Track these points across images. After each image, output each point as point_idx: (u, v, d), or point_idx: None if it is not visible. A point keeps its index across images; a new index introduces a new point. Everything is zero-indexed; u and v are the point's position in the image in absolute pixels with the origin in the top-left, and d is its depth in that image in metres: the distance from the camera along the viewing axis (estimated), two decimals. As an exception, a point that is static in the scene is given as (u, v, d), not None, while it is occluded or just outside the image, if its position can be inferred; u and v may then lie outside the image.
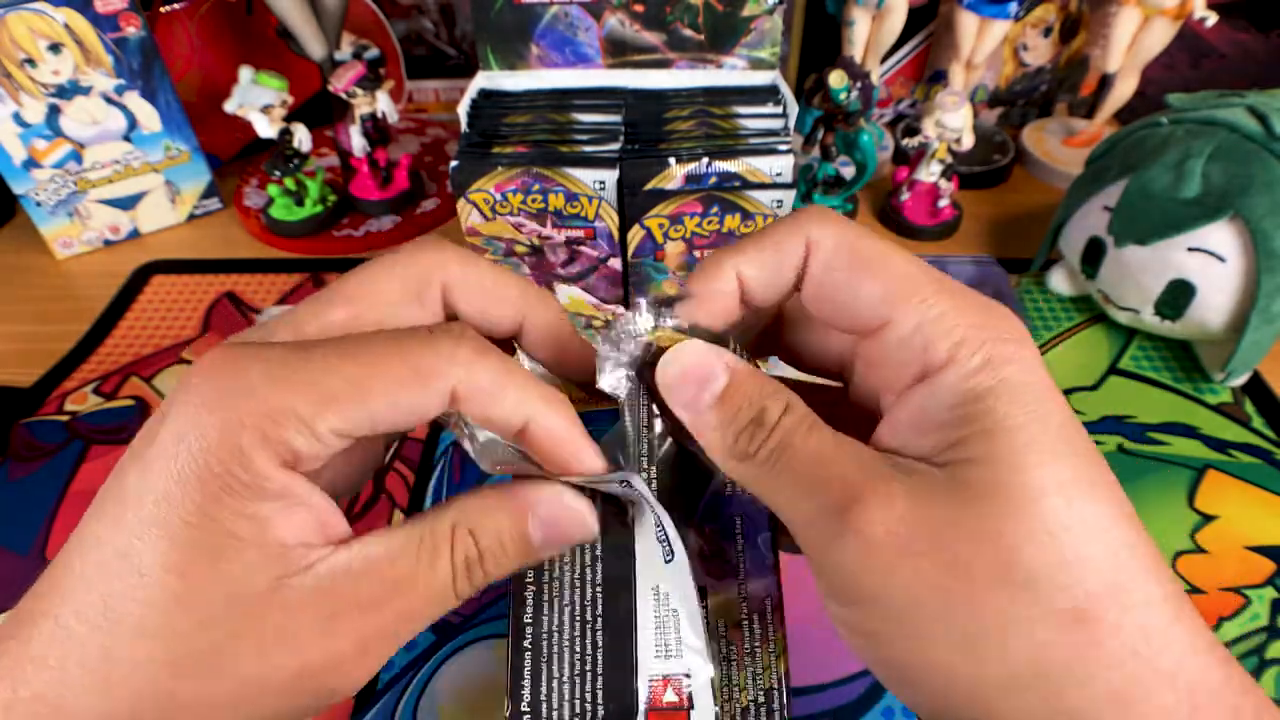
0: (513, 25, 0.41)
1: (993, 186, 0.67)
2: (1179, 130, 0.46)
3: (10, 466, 0.45)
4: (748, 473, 0.20)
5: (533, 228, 0.40)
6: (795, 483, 0.19)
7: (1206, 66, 0.70)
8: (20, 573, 0.40)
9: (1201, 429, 0.46)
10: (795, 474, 0.19)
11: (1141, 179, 0.45)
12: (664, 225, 0.39)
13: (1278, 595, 0.38)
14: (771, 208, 0.38)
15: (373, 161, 0.63)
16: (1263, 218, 0.42)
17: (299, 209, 0.62)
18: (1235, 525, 0.41)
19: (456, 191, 0.38)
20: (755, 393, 0.20)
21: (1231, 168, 0.43)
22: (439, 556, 0.20)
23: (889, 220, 0.63)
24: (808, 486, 0.19)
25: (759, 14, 0.40)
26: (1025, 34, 0.69)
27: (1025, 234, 0.61)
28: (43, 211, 0.59)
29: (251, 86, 0.56)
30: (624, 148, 0.38)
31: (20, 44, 0.53)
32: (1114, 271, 0.48)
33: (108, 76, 0.57)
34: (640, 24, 0.40)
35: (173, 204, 0.64)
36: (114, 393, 0.50)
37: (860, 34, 0.61)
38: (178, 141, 0.62)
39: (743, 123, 0.40)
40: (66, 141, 0.58)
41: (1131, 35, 0.61)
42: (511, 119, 0.40)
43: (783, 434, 0.20)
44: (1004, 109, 0.73)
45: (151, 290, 0.58)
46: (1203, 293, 0.45)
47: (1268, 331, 0.44)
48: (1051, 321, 0.54)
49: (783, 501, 0.20)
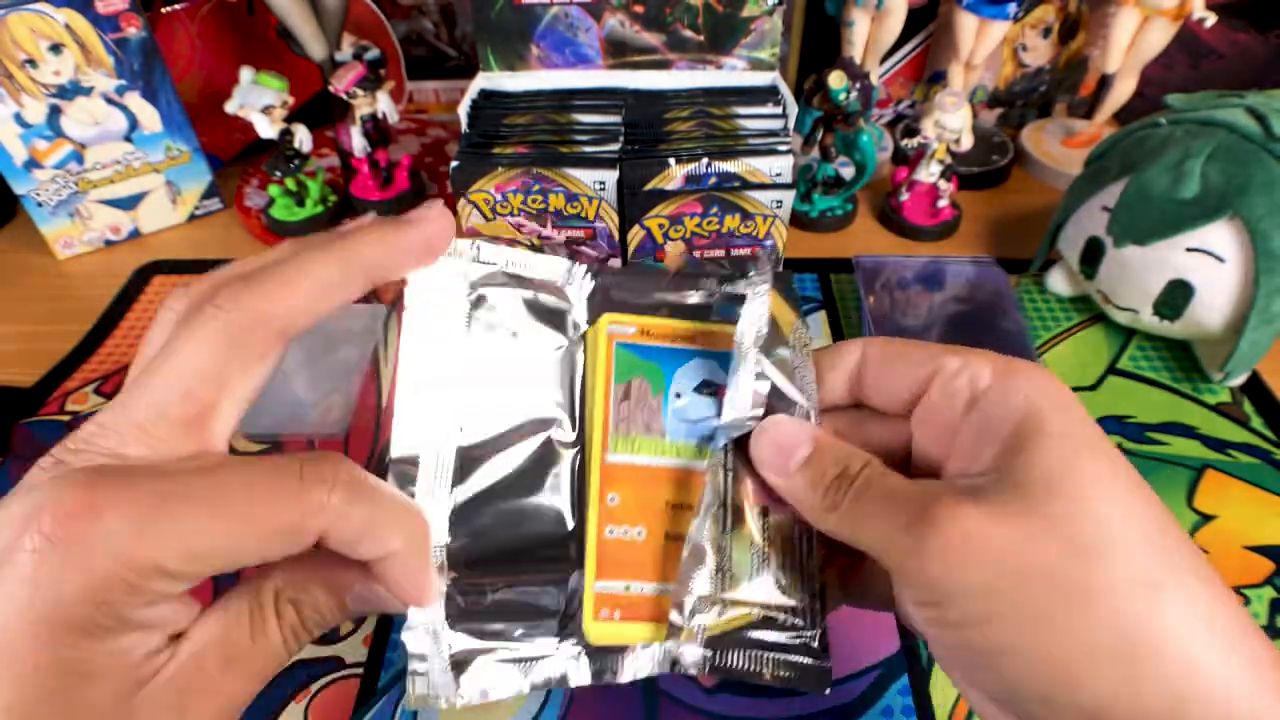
0: (513, 26, 0.41)
1: (992, 187, 0.67)
2: (1178, 131, 0.46)
3: (11, 466, 0.45)
4: (838, 520, 0.23)
5: (533, 228, 0.40)
6: (876, 513, 0.22)
7: (1205, 67, 0.70)
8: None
9: (1200, 429, 0.46)
10: (876, 505, 0.22)
11: (1140, 179, 0.46)
12: (664, 225, 0.39)
13: (1276, 595, 0.38)
14: (771, 208, 0.38)
15: (373, 162, 0.63)
16: (1261, 218, 0.42)
17: (300, 209, 0.62)
18: (1234, 525, 0.41)
19: (457, 192, 0.39)
20: (841, 453, 0.23)
21: (1230, 168, 0.43)
22: (268, 624, 0.21)
23: (888, 221, 0.63)
24: (887, 513, 0.22)
25: (759, 15, 0.40)
26: (1024, 34, 0.69)
27: (1024, 234, 0.61)
28: (44, 212, 0.59)
29: (252, 87, 0.56)
30: (624, 148, 0.38)
31: (21, 44, 0.53)
32: (1113, 272, 0.49)
33: (109, 77, 0.57)
34: (640, 25, 0.41)
35: (174, 204, 0.64)
36: (115, 393, 0.50)
37: (860, 35, 0.61)
38: (179, 142, 0.62)
39: (742, 123, 0.40)
40: (67, 142, 0.58)
41: (1130, 36, 0.61)
42: (512, 119, 0.40)
43: (864, 479, 0.23)
44: (1003, 109, 0.73)
45: (153, 290, 0.58)
46: (1201, 293, 0.45)
47: (1266, 331, 0.44)
48: (1050, 322, 0.54)
49: (867, 532, 0.22)
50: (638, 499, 0.25)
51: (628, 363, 0.26)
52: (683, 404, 0.26)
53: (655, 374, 0.26)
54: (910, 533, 0.20)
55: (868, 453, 0.24)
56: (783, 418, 0.25)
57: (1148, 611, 0.18)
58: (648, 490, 0.25)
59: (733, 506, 0.25)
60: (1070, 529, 0.19)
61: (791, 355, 0.26)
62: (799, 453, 0.24)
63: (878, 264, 0.54)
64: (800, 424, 0.25)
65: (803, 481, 0.23)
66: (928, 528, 0.20)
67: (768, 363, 0.25)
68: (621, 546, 0.24)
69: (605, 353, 0.26)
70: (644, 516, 0.25)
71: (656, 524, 0.25)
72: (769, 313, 0.26)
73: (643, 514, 0.25)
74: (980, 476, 0.21)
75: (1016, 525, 0.19)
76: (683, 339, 0.27)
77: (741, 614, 0.24)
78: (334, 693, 0.35)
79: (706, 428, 0.26)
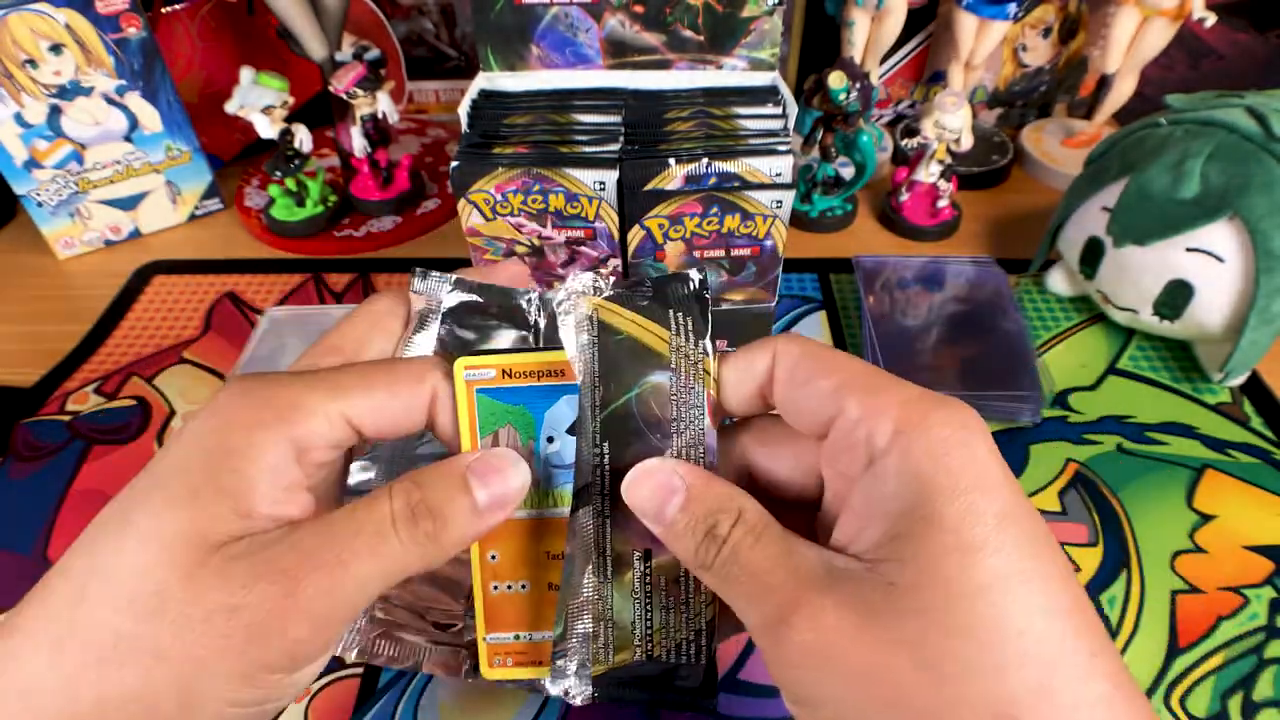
0: (513, 26, 0.41)
1: (992, 187, 0.67)
2: (1178, 131, 0.46)
3: (11, 466, 0.45)
4: (711, 581, 0.22)
5: (533, 228, 0.40)
6: (743, 593, 0.21)
7: (1205, 67, 0.70)
8: (22, 573, 0.40)
9: (1200, 429, 0.46)
10: (743, 585, 0.21)
11: (1140, 179, 0.46)
12: (664, 225, 0.39)
13: (1276, 595, 0.38)
14: (771, 208, 0.38)
15: (373, 162, 0.63)
16: (1261, 218, 0.42)
17: (300, 209, 0.62)
18: (1234, 525, 0.41)
19: (457, 192, 0.39)
20: (711, 504, 0.22)
21: (1230, 168, 0.43)
22: (377, 501, 0.22)
23: (888, 221, 0.63)
24: (752, 597, 0.20)
25: (759, 15, 0.40)
26: (1024, 35, 0.69)
27: (1024, 234, 0.61)
28: (44, 212, 0.59)
29: (252, 87, 0.56)
30: (624, 148, 0.38)
31: (21, 45, 0.53)
32: (1113, 272, 0.49)
33: (109, 77, 0.57)
34: (640, 25, 0.41)
35: (174, 204, 0.64)
36: (115, 393, 0.50)
37: (860, 35, 0.61)
38: (179, 142, 0.62)
39: (742, 123, 0.40)
40: (68, 142, 0.58)
41: (1130, 36, 0.61)
42: (512, 120, 0.40)
43: (731, 548, 0.21)
44: (1003, 110, 0.73)
45: (153, 290, 0.58)
46: (1201, 293, 0.45)
47: (1266, 331, 0.44)
48: (1050, 322, 0.54)
49: (738, 609, 0.21)
50: (519, 553, 0.25)
51: (491, 411, 0.24)
52: (556, 448, 0.24)
53: (523, 419, 0.24)
54: (773, 628, 0.20)
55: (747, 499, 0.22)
56: (654, 461, 0.23)
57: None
58: (527, 544, 0.25)
59: (612, 554, 0.24)
60: (930, 651, 0.18)
61: (669, 380, 0.24)
62: (673, 500, 0.22)
63: (878, 264, 0.55)
64: (673, 467, 0.23)
65: (678, 530, 0.22)
66: (785, 630, 0.19)
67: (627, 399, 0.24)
68: (507, 600, 0.25)
69: (467, 403, 0.24)
70: (526, 570, 0.25)
71: (540, 575, 0.25)
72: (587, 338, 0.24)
73: (525, 568, 0.25)
74: (860, 560, 0.20)
75: (878, 641, 0.18)
76: (548, 375, 0.24)
77: (623, 657, 0.23)
78: (334, 693, 0.35)
79: None
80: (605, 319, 0.24)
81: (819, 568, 0.20)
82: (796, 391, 0.22)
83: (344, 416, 0.22)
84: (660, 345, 0.24)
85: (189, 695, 0.19)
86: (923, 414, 0.20)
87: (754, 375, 0.24)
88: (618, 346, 0.24)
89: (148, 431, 0.47)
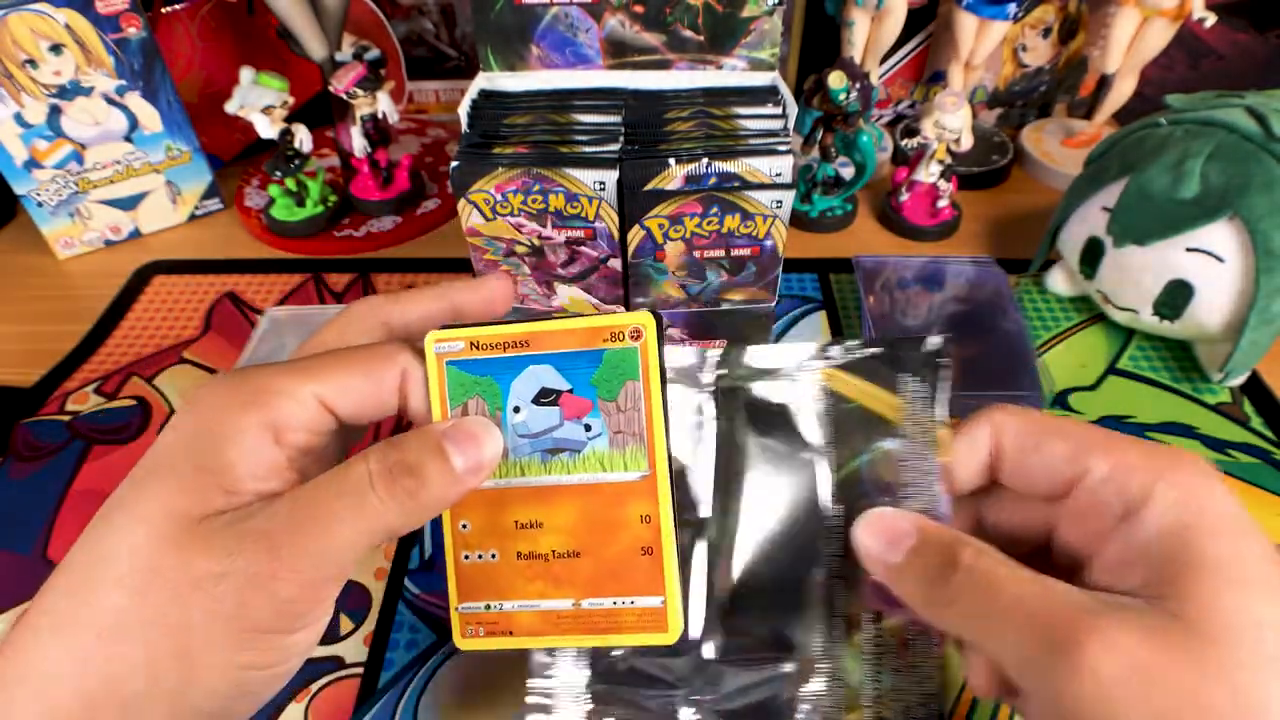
0: (513, 26, 0.41)
1: (992, 187, 0.67)
2: (1178, 131, 0.46)
3: (11, 466, 0.45)
4: (956, 619, 0.21)
5: (533, 228, 0.40)
6: (1005, 622, 0.20)
7: (1205, 67, 0.70)
8: (22, 573, 0.40)
9: (1200, 429, 0.46)
10: (1004, 613, 0.20)
11: (1140, 179, 0.46)
12: (664, 225, 0.39)
13: (1276, 594, 0.38)
14: (771, 208, 0.38)
15: (373, 162, 0.63)
16: (1261, 218, 0.42)
17: (300, 209, 0.62)
18: (1234, 525, 0.41)
19: (457, 192, 0.39)
20: (948, 539, 0.22)
21: (1230, 168, 0.43)
22: (353, 465, 0.22)
23: (888, 221, 0.63)
24: (1019, 625, 0.20)
25: (759, 15, 0.40)
26: (1024, 35, 0.69)
27: (1024, 234, 0.61)
28: (44, 212, 0.59)
29: (252, 87, 0.56)
30: (624, 148, 0.38)
31: (21, 45, 0.53)
32: (1113, 272, 0.49)
33: (109, 77, 0.57)
34: (640, 25, 0.41)
35: (174, 204, 0.64)
36: (115, 393, 0.50)
37: (859, 35, 0.61)
38: (179, 142, 0.62)
39: (742, 123, 0.40)
40: (68, 142, 0.58)
41: (1130, 36, 0.61)
42: (512, 120, 0.40)
43: (983, 574, 0.21)
44: (1003, 110, 0.73)
45: (153, 290, 0.58)
46: (1201, 293, 0.45)
47: (1266, 332, 0.44)
48: (1050, 322, 0.54)
49: (991, 640, 0.21)
50: (488, 523, 0.26)
51: (460, 382, 0.25)
52: (522, 418, 0.25)
53: (490, 389, 0.25)
54: (1054, 656, 0.19)
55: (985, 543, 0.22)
56: (885, 509, 0.24)
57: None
58: (496, 513, 0.26)
59: (845, 615, 0.25)
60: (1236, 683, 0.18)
61: (901, 446, 0.25)
62: (903, 544, 0.23)
63: (878, 264, 0.54)
64: (904, 513, 0.24)
65: (911, 575, 0.22)
66: (1077, 656, 0.18)
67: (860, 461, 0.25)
68: (477, 569, 0.26)
69: (437, 375, 0.25)
70: (495, 540, 0.26)
71: (508, 545, 0.26)
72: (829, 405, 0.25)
73: (494, 537, 0.26)
74: (1129, 596, 0.20)
75: (1189, 661, 0.18)
76: (514, 346, 0.25)
77: (854, 717, 0.25)
78: (334, 693, 0.35)
79: (550, 440, 0.25)
80: (835, 388, 0.26)
81: (1093, 598, 0.20)
82: (1029, 459, 0.23)
83: (316, 397, 0.23)
84: (890, 412, 0.25)
85: (189, 661, 0.20)
86: (1170, 468, 0.21)
87: (978, 450, 0.24)
88: (848, 415, 0.25)
89: (148, 431, 0.47)
